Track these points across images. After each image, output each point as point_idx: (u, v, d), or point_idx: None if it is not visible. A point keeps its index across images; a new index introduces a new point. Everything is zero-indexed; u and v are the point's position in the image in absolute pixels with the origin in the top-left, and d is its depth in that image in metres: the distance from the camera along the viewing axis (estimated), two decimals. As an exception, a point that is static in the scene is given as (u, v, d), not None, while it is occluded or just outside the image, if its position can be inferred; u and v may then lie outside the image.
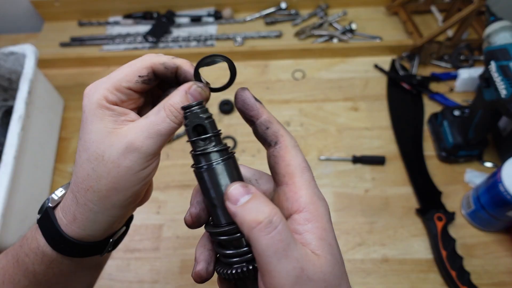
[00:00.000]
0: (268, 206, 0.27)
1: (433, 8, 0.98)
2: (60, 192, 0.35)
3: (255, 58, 0.97)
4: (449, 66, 0.91)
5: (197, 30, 1.03)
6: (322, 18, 1.01)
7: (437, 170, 0.77)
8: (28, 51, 0.76)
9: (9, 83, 0.85)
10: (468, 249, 0.68)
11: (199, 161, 0.30)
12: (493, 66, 0.64)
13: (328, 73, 0.94)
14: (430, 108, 0.86)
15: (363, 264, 0.68)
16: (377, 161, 0.78)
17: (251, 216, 0.26)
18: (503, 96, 0.63)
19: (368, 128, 0.84)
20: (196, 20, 1.04)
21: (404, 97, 0.88)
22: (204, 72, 0.32)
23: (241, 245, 0.29)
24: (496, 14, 0.67)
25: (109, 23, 1.06)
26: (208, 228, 0.31)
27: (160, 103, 0.31)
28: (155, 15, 1.05)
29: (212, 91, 0.32)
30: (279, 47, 0.95)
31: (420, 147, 0.80)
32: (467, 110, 0.76)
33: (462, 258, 0.65)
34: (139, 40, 1.01)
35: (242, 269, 0.28)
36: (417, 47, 0.89)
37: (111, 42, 1.01)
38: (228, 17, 1.04)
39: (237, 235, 0.29)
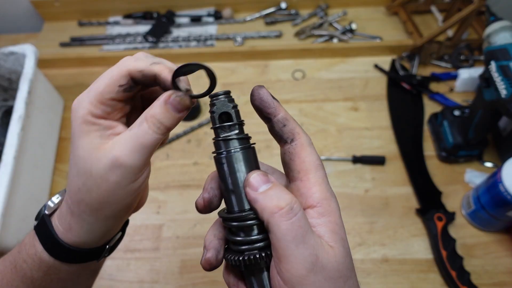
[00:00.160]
0: (289, 195, 0.28)
1: (433, 8, 0.98)
2: (57, 199, 0.36)
3: (255, 58, 0.97)
4: (449, 66, 0.91)
5: (197, 30, 1.03)
6: (322, 18, 1.01)
7: (437, 170, 0.77)
8: (28, 51, 0.76)
9: (9, 83, 0.85)
10: (468, 249, 0.68)
11: (220, 147, 0.31)
12: (493, 66, 0.64)
13: (328, 73, 0.94)
14: (430, 108, 0.86)
15: (363, 264, 0.68)
16: (377, 161, 0.78)
17: (273, 202, 0.27)
18: (503, 96, 0.63)
19: (368, 128, 0.84)
20: (196, 20, 1.04)
21: (404, 97, 0.88)
22: (191, 76, 0.31)
23: (254, 233, 0.30)
24: (496, 14, 0.67)
25: (109, 23, 1.06)
26: (222, 214, 0.32)
27: (143, 114, 0.31)
28: (155, 15, 1.05)
29: (193, 98, 0.32)
30: (279, 47, 0.95)
31: (420, 147, 0.80)
32: (467, 110, 0.76)
33: (462, 258, 0.65)
34: (139, 40, 1.01)
35: (255, 256, 0.29)
36: (417, 47, 0.89)
37: (111, 42, 1.01)
38: (228, 17, 1.04)
39: (250, 222, 0.30)
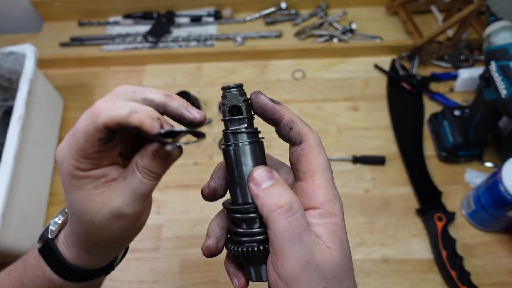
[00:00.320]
0: (290, 193, 0.28)
1: (433, 8, 0.98)
2: (59, 220, 0.36)
3: (255, 58, 0.96)
4: (449, 66, 0.91)
5: (197, 30, 1.03)
6: (322, 18, 1.01)
7: (437, 170, 0.77)
8: (28, 51, 0.76)
9: (9, 83, 0.84)
10: (468, 249, 0.68)
11: (229, 139, 0.31)
12: (493, 66, 0.64)
13: (328, 73, 0.94)
14: (430, 108, 0.85)
15: (363, 264, 0.68)
16: (377, 161, 0.78)
17: (273, 200, 0.28)
18: (503, 96, 0.62)
19: (368, 128, 0.84)
20: (196, 20, 1.04)
21: (404, 97, 0.88)
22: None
23: (255, 226, 0.31)
24: (496, 14, 0.67)
25: (109, 23, 1.06)
26: (226, 205, 0.32)
27: (133, 161, 0.29)
28: (155, 15, 1.05)
29: (182, 147, 0.29)
30: (279, 47, 0.95)
31: (420, 147, 0.80)
32: (467, 110, 0.76)
33: (462, 258, 0.65)
34: (139, 40, 1.01)
35: (253, 248, 0.30)
36: (417, 47, 0.89)
37: (111, 42, 1.01)
38: (228, 17, 1.04)
39: (252, 215, 0.30)
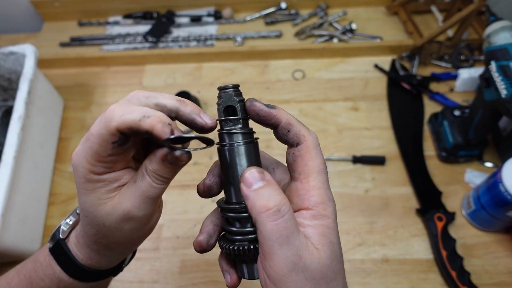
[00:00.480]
0: (279, 196, 0.28)
1: (433, 8, 0.98)
2: (70, 221, 0.37)
3: (255, 58, 0.96)
4: (449, 66, 0.91)
5: (197, 30, 1.03)
6: (322, 18, 1.01)
7: (437, 170, 0.77)
8: (28, 51, 0.76)
9: (9, 83, 0.84)
10: (468, 249, 0.68)
11: (223, 139, 0.32)
12: (493, 66, 0.64)
13: (328, 73, 0.93)
14: (430, 108, 0.85)
15: (363, 264, 0.68)
16: (377, 161, 0.78)
17: (262, 202, 0.28)
18: (503, 96, 0.62)
19: (368, 128, 0.84)
20: (196, 20, 1.04)
21: (404, 97, 0.88)
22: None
23: (247, 225, 0.31)
24: (496, 14, 0.67)
25: (109, 23, 1.06)
26: (220, 203, 0.33)
27: (143, 165, 0.30)
28: (155, 15, 1.05)
29: (191, 152, 0.30)
30: (279, 47, 0.95)
31: (420, 147, 0.80)
32: (467, 110, 0.76)
33: (462, 258, 0.65)
34: (139, 40, 1.00)
35: (244, 247, 0.30)
36: (417, 47, 0.89)
37: (111, 42, 1.01)
38: (228, 17, 1.04)
39: (244, 215, 0.30)
